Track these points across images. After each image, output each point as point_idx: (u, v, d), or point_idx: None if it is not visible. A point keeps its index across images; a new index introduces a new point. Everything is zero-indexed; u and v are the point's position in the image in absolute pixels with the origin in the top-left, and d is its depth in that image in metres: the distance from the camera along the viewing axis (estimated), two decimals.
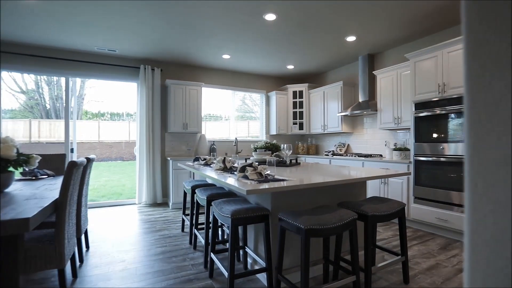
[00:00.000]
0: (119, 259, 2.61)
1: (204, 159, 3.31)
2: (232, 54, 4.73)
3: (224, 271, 2.01)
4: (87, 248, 2.83)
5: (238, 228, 2.54)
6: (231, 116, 5.97)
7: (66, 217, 1.81)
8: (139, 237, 3.21)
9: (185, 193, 3.48)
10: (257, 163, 2.57)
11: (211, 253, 2.21)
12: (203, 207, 4.23)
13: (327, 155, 5.06)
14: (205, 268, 2.42)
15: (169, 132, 5.06)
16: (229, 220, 1.87)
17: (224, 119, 5.96)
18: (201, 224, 3.16)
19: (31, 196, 1.71)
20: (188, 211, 4.57)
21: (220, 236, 3.12)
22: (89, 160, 2.45)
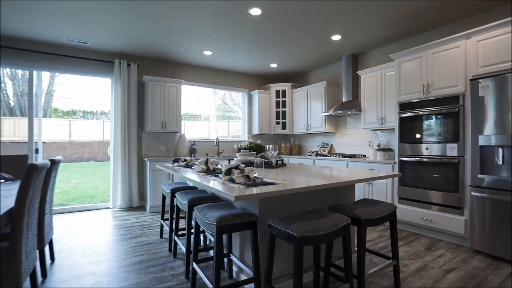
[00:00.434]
0: (89, 271, 2.35)
1: (184, 160, 3.11)
2: (214, 51, 4.54)
3: (209, 283, 1.84)
4: (51, 261, 2.54)
5: (223, 236, 2.37)
6: (211, 116, 5.76)
7: (24, 229, 1.56)
8: (112, 245, 2.95)
9: (163, 197, 3.25)
10: (243, 165, 2.41)
11: (194, 262, 2.03)
12: (183, 211, 4.01)
13: (311, 155, 5.00)
14: (186, 279, 2.23)
15: (146, 132, 4.78)
16: (214, 228, 1.70)
17: (203, 119, 5.74)
18: (182, 229, 2.95)
19: None
20: (167, 215, 4.33)
21: (202, 242, 2.93)
22: (54, 162, 2.18)
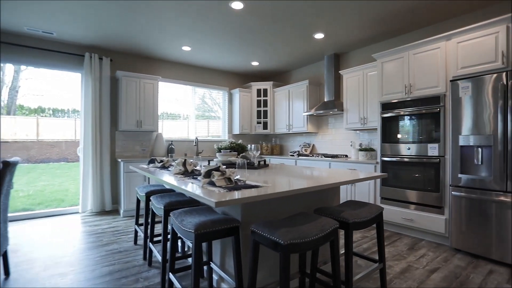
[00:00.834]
0: (51, 286, 2.11)
1: (160, 161, 2.91)
2: (193, 46, 4.34)
3: None
4: (6, 276, 2.24)
5: (202, 244, 2.21)
6: (190, 115, 5.54)
7: None
8: (80, 255, 2.70)
9: (138, 200, 3.03)
10: (224, 166, 2.27)
11: (170, 273, 1.85)
12: (160, 215, 3.79)
13: (293, 155, 4.93)
14: None
15: (120, 131, 4.49)
16: (192, 236, 1.54)
17: (183, 118, 5.50)
18: (158, 235, 2.76)
19: None
20: (142, 219, 4.08)
21: (180, 248, 2.75)
22: (7, 164, 1.92)
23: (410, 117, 3.17)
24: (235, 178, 1.71)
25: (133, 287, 2.10)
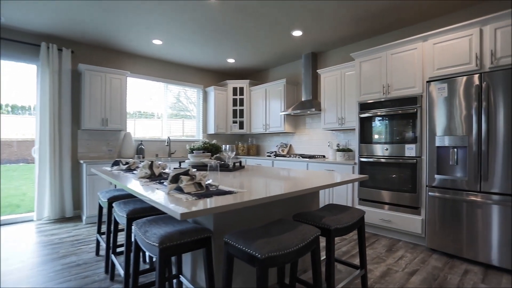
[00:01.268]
0: None
1: (126, 163, 2.64)
2: (165, 40, 4.07)
3: None
4: None
5: (168, 259, 2.00)
6: (163, 114, 5.23)
7: None
8: (30, 271, 2.36)
9: (100, 207, 2.73)
10: (194, 169, 2.08)
11: None
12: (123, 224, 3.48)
13: (270, 156, 4.80)
14: None
15: (83, 129, 4.10)
16: (157, 251, 1.34)
17: (156, 117, 5.18)
18: (121, 246, 2.49)
19: None
20: (105, 228, 3.74)
21: (148, 259, 2.51)
22: None
23: (388, 117, 3.15)
24: (206, 183, 1.53)
25: None
